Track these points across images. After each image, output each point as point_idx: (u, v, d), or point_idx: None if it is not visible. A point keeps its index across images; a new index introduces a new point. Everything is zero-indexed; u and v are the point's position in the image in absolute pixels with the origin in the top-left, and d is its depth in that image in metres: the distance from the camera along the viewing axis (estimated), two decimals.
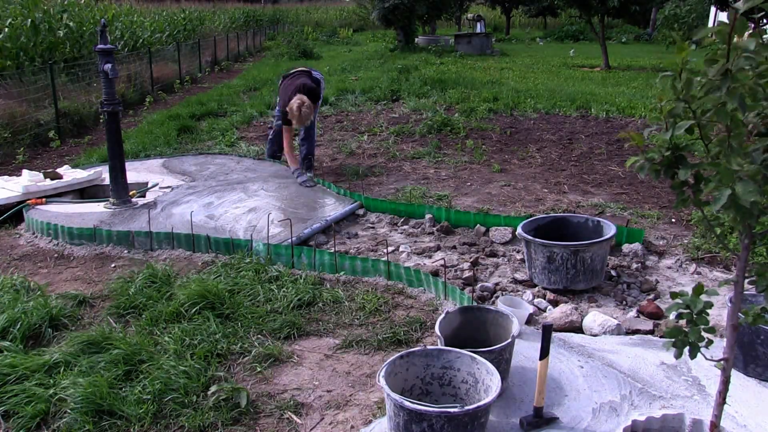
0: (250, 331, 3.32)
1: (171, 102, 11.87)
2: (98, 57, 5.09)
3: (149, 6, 21.77)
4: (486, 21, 30.32)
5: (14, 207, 5.28)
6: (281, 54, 20.78)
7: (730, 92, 1.61)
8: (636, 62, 17.70)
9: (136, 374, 2.90)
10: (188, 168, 6.62)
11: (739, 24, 1.59)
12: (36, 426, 2.61)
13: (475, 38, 21.26)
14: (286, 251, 4.21)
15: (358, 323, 3.44)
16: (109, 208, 5.25)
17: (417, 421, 2.17)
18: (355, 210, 5.29)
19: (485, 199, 5.61)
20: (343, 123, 9.23)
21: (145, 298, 3.62)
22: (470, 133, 8.38)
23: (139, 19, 16.66)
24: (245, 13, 30.88)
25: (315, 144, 6.70)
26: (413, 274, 3.87)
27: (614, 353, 3.06)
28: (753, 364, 2.82)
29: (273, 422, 2.64)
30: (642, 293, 3.81)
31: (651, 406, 2.62)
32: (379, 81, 12.81)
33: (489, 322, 2.91)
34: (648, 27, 28.14)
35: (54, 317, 3.42)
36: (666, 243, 4.53)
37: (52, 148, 8.20)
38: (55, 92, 8.90)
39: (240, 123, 9.22)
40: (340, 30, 33.19)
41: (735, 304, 1.99)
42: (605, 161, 6.96)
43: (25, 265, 4.35)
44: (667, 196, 5.65)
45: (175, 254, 4.44)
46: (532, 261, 3.84)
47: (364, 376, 2.95)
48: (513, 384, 2.78)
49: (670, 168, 1.86)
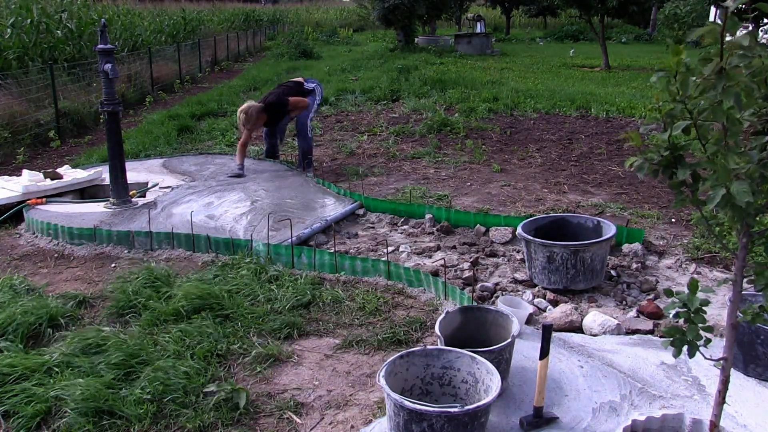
0: (250, 331, 3.32)
1: (171, 102, 11.87)
2: (98, 57, 5.09)
3: (149, 6, 21.77)
4: (486, 21, 30.31)
5: (14, 207, 5.28)
6: (281, 54, 20.79)
7: (725, 90, 1.61)
8: (636, 62, 17.71)
9: (136, 374, 2.89)
10: (188, 168, 6.62)
11: (731, 23, 1.60)
12: (36, 426, 2.61)
13: (475, 38, 21.27)
14: (286, 251, 4.21)
15: (358, 323, 3.44)
16: (109, 208, 5.25)
17: (417, 421, 2.17)
18: (355, 210, 5.29)
19: (485, 199, 5.61)
20: (343, 123, 9.23)
21: (144, 298, 3.62)
22: (470, 133, 8.38)
23: (138, 20, 16.66)
24: (245, 13, 30.87)
25: (311, 143, 6.74)
26: (413, 274, 3.87)
27: (614, 353, 3.06)
28: (753, 364, 2.82)
29: (273, 422, 2.64)
30: (642, 293, 3.81)
31: (651, 406, 2.62)
32: (379, 81, 12.81)
33: (489, 322, 2.91)
34: (648, 27, 28.15)
35: (54, 317, 3.42)
36: (666, 243, 4.53)
37: (52, 148, 8.21)
38: (55, 92, 8.91)
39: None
40: (340, 30, 33.19)
41: (734, 304, 1.99)
42: (605, 161, 6.96)
43: (25, 265, 4.35)
44: (666, 196, 5.65)
45: (175, 254, 4.44)
46: (532, 261, 3.84)
47: (364, 376, 2.95)
48: (513, 384, 2.78)
49: (668, 168, 1.87)
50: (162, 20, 18.57)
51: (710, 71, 1.64)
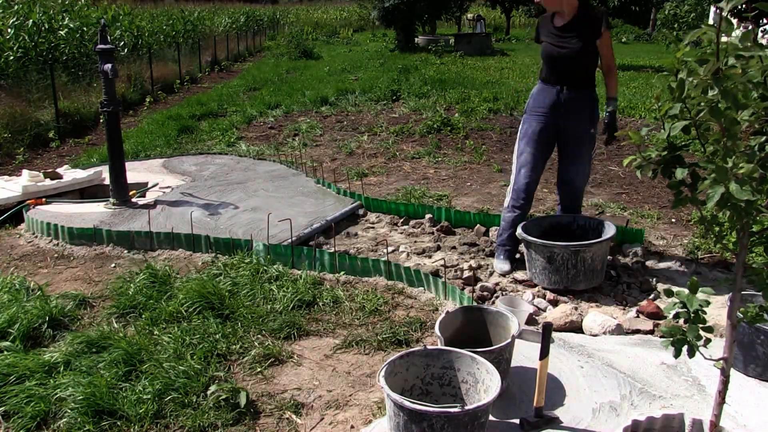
0: (250, 331, 3.32)
1: (171, 102, 11.87)
2: (98, 57, 5.09)
3: (149, 6, 21.77)
4: (486, 21, 30.31)
5: (14, 207, 5.28)
6: (281, 54, 20.79)
7: (722, 91, 1.61)
8: (636, 62, 17.70)
9: (136, 374, 2.89)
10: (188, 168, 6.62)
11: (726, 23, 1.60)
12: (36, 426, 2.61)
13: (475, 38, 21.27)
14: (286, 251, 4.21)
15: (358, 323, 3.44)
16: (109, 208, 5.25)
17: (417, 421, 2.17)
18: (355, 210, 5.29)
19: (485, 199, 5.61)
20: (343, 123, 9.23)
21: (145, 298, 3.62)
22: (470, 133, 8.38)
23: (138, 20, 16.66)
24: (245, 13, 30.87)
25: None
26: (413, 274, 3.87)
27: (614, 353, 3.06)
28: (753, 364, 2.82)
29: (273, 422, 2.64)
30: (642, 293, 3.81)
31: (651, 406, 2.62)
32: (379, 81, 12.81)
33: (489, 322, 2.91)
34: (648, 27, 28.15)
35: (54, 317, 3.42)
36: (666, 243, 4.53)
37: (52, 148, 8.20)
38: (55, 92, 8.90)
39: (240, 123, 9.22)
40: (340, 30, 33.19)
41: (734, 303, 1.99)
42: (605, 161, 6.96)
43: (25, 265, 4.35)
44: (666, 196, 5.65)
45: (175, 254, 4.44)
46: (532, 261, 3.84)
47: (364, 376, 2.95)
48: (513, 384, 2.78)
49: (667, 167, 1.87)
50: (162, 20, 18.57)
51: (707, 72, 1.64)
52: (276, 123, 9.38)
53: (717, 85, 1.62)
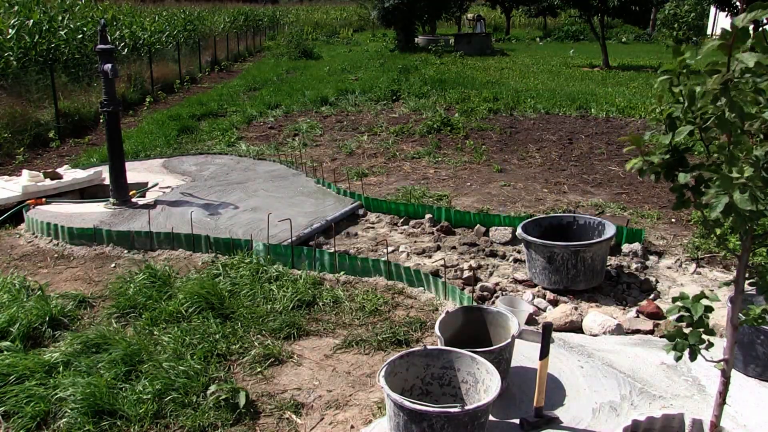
0: (250, 331, 3.32)
1: (171, 102, 11.86)
2: (98, 57, 5.09)
3: (149, 6, 21.76)
4: (486, 21, 30.31)
5: (14, 207, 5.28)
6: (281, 54, 20.78)
7: (730, 102, 1.60)
8: (636, 62, 17.70)
9: (136, 374, 2.89)
10: (188, 168, 6.62)
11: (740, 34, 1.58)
12: (36, 426, 2.61)
13: (475, 38, 21.26)
14: (286, 251, 4.21)
15: (358, 323, 3.44)
16: (109, 208, 5.25)
17: (417, 421, 2.17)
18: (355, 210, 5.29)
19: (485, 199, 5.61)
20: (343, 123, 9.23)
21: (144, 298, 3.62)
22: (470, 133, 8.38)
23: (138, 20, 16.65)
24: (245, 13, 30.86)
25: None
26: (413, 274, 3.87)
27: (614, 353, 3.06)
28: (753, 364, 2.82)
29: (273, 422, 2.64)
30: (642, 293, 3.81)
31: (651, 406, 2.62)
32: (379, 81, 12.81)
33: (489, 322, 2.91)
34: (648, 27, 28.13)
35: (54, 317, 3.42)
36: (666, 243, 4.53)
37: (52, 148, 8.20)
38: (55, 92, 8.90)
39: (240, 123, 9.22)
40: (340, 30, 33.18)
41: (735, 305, 1.99)
42: (605, 161, 6.96)
43: (25, 265, 4.35)
44: (667, 196, 5.65)
45: (175, 254, 4.44)
46: (532, 261, 3.84)
47: (364, 376, 2.95)
48: (513, 384, 2.78)
49: (670, 171, 1.85)
50: (162, 20, 18.57)
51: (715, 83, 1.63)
52: (276, 123, 9.37)
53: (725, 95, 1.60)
